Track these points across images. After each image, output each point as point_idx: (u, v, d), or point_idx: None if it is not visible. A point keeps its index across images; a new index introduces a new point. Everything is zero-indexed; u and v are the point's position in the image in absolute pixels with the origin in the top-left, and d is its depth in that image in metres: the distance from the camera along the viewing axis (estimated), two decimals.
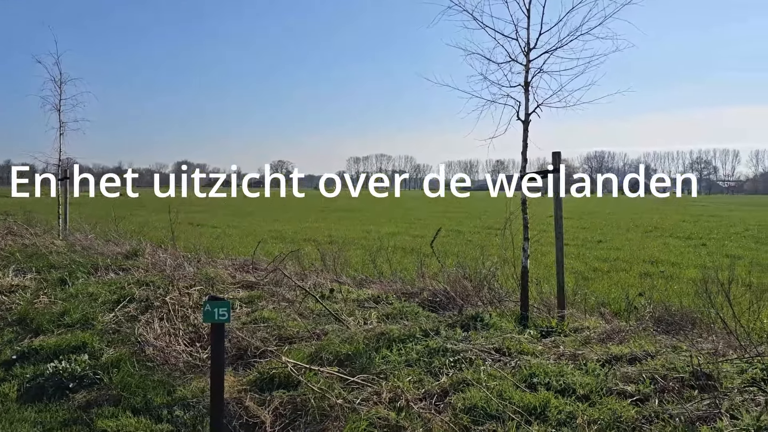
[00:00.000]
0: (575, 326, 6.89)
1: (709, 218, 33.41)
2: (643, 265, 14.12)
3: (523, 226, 7.62)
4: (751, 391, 4.64)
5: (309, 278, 10.09)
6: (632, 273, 12.71)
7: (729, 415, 4.22)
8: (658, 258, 15.23)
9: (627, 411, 4.38)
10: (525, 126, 7.47)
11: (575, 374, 5.05)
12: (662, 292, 8.91)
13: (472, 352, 5.73)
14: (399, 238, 20.53)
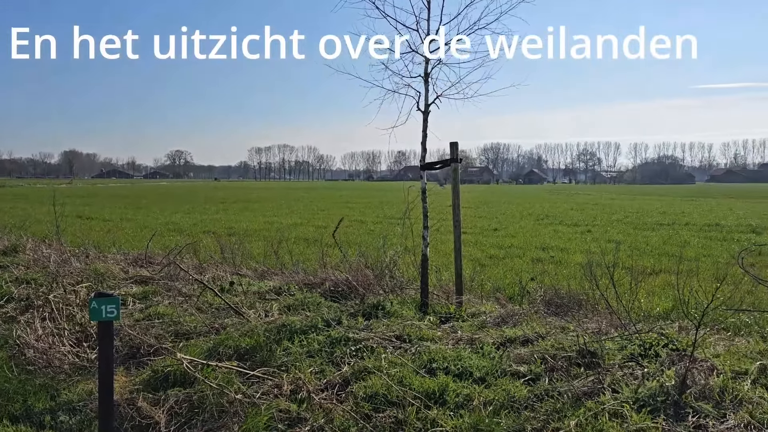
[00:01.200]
0: (473, 311, 7.13)
1: (594, 206, 35.70)
2: (536, 251, 14.83)
3: (423, 215, 7.75)
4: (630, 365, 5.00)
5: (208, 271, 9.77)
6: (526, 259, 13.32)
7: (611, 389, 4.52)
8: (549, 244, 16.06)
9: (520, 391, 4.59)
10: (425, 116, 7.59)
11: (472, 358, 5.22)
12: (552, 276, 9.41)
13: (373, 341, 5.77)
14: (302, 229, 20.35)
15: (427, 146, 7.66)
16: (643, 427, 3.96)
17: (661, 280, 10.23)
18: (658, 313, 7.39)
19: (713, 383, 4.42)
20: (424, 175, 7.75)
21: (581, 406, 4.27)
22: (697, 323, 4.87)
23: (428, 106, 7.53)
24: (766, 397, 4.29)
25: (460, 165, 7.84)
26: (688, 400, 4.24)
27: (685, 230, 19.92)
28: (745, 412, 4.06)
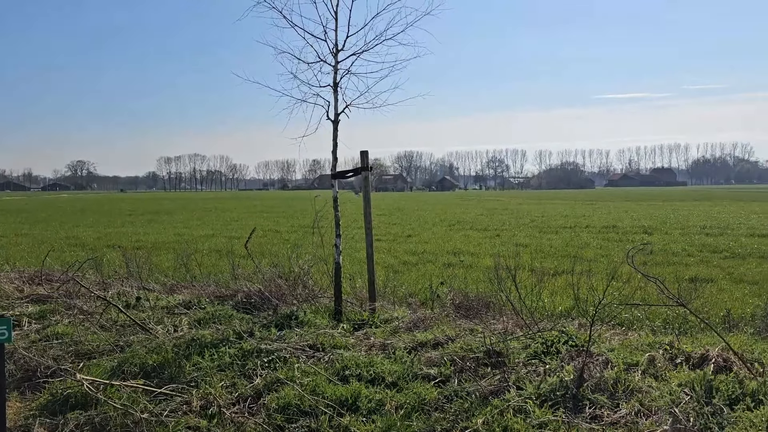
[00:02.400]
0: (386, 317, 7.23)
1: (503, 211, 37.06)
2: (447, 256, 15.22)
3: (334, 223, 7.79)
4: (534, 363, 5.26)
5: (112, 287, 9.34)
6: (438, 264, 13.64)
7: (516, 386, 4.73)
8: (460, 249, 16.52)
9: (430, 393, 4.71)
10: (335, 126, 7.65)
11: (384, 363, 5.30)
12: (462, 280, 9.70)
13: (286, 351, 5.73)
14: (214, 240, 19.83)
15: (338, 155, 7.71)
16: (545, 420, 4.17)
17: (563, 281, 10.77)
18: (560, 312, 7.78)
19: (607, 375, 4.72)
20: (335, 183, 7.80)
21: (488, 404, 4.45)
22: (591, 320, 5.18)
23: (338, 115, 7.60)
24: (654, 386, 4.63)
25: (372, 173, 7.95)
26: (586, 393, 4.51)
27: (585, 232, 21.07)
28: (636, 401, 4.37)
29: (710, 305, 7.75)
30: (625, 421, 4.14)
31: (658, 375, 4.91)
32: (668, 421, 4.00)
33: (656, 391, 4.48)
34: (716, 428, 3.93)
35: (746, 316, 7.05)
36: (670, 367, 5.10)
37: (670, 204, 45.21)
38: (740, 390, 4.42)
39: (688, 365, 5.13)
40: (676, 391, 4.44)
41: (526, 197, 78.52)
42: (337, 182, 7.85)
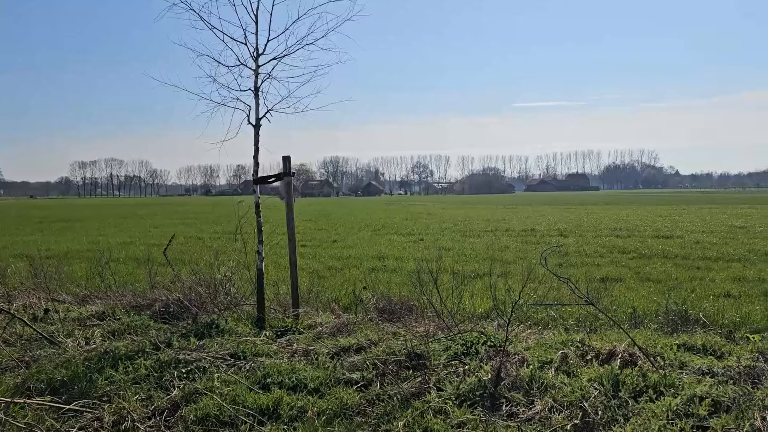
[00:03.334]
0: (309, 323, 7.19)
1: (427, 216, 37.66)
2: (372, 260, 15.29)
3: (257, 229, 7.67)
4: (454, 364, 5.38)
5: (18, 299, 8.81)
6: (363, 269, 13.67)
7: (436, 388, 4.83)
8: (385, 253, 16.64)
9: (352, 397, 4.72)
10: (256, 130, 7.54)
11: (307, 369, 5.27)
12: (386, 284, 9.78)
13: (206, 361, 5.60)
14: (132, 248, 19.04)
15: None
16: (464, 420, 4.28)
17: (483, 283, 11.05)
18: (480, 313, 7.99)
19: (523, 374, 4.90)
20: (257, 189, 7.69)
21: (409, 406, 4.51)
22: (507, 321, 5.36)
23: (259, 120, 7.50)
24: (566, 382, 4.84)
25: (297, 178, 7.89)
26: (503, 391, 4.66)
27: (505, 236, 21.73)
28: (549, 397, 4.56)
29: (619, 303, 8.18)
30: (539, 417, 4.31)
31: (570, 371, 5.14)
32: (579, 415, 4.20)
33: (568, 387, 4.69)
34: (622, 420, 4.16)
35: (651, 313, 7.49)
36: (581, 364, 5.36)
37: (584, 208, 47.37)
38: (644, 383, 4.69)
39: (598, 361, 5.40)
40: (586, 386, 4.67)
41: (450, 202, 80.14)
42: (260, 188, 7.74)
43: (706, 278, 11.10)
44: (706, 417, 4.07)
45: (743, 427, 3.91)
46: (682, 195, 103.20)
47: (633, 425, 4.03)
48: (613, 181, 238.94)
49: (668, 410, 4.16)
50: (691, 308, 7.32)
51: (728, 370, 4.88)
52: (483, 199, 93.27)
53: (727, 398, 4.29)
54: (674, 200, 66.77)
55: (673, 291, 8.95)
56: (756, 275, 11.21)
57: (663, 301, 7.50)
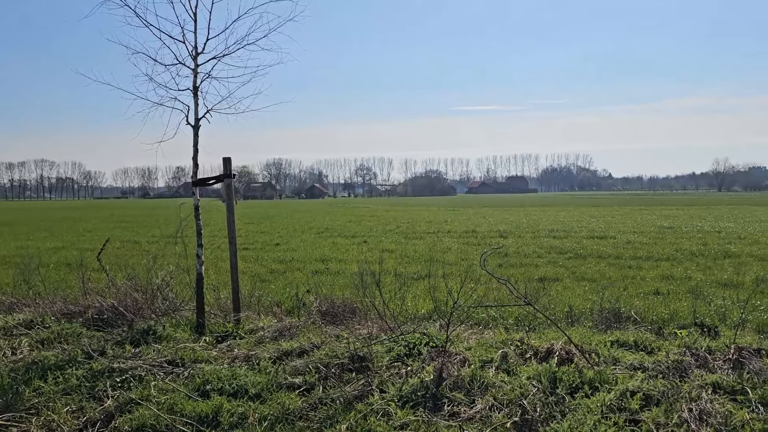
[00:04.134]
0: (251, 327, 7.07)
1: (371, 218, 37.73)
2: (315, 263, 15.19)
3: (196, 232, 7.49)
4: (397, 365, 5.40)
5: None
6: (306, 272, 13.57)
7: (379, 390, 4.83)
8: (328, 256, 16.57)
9: (295, 402, 4.67)
10: (195, 131, 7.36)
11: (248, 375, 5.17)
12: (329, 287, 9.73)
13: (142, 369, 5.41)
14: (63, 253, 18.24)
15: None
16: (407, 421, 4.29)
17: (425, 284, 11.16)
18: (422, 315, 8.06)
19: (464, 373, 4.97)
20: (197, 191, 7.50)
21: (352, 409, 4.49)
22: (447, 322, 5.42)
23: (198, 120, 7.33)
24: (506, 381, 4.93)
25: (238, 180, 7.76)
26: (444, 392, 4.71)
27: (447, 237, 22.02)
28: (490, 396, 4.64)
29: (556, 302, 8.42)
30: (480, 416, 4.37)
31: (510, 370, 5.24)
32: (518, 413, 4.28)
33: (508, 386, 4.78)
34: (559, 416, 4.27)
35: (586, 311, 7.74)
36: (521, 362, 5.47)
37: (523, 209, 48.58)
38: (580, 379, 4.84)
39: (537, 359, 5.53)
40: (525, 384, 4.77)
41: (393, 204, 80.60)
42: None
43: (637, 277, 11.56)
44: (638, 410, 4.23)
45: (672, 419, 4.08)
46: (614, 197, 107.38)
47: (570, 421, 4.14)
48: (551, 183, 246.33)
49: (603, 405, 4.30)
50: (623, 306, 7.60)
51: (658, 365, 5.09)
52: (425, 201, 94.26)
53: (657, 392, 4.48)
54: (607, 202, 69.37)
55: (607, 290, 9.28)
56: (682, 273, 11.77)
57: (597, 299, 7.77)
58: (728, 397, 4.47)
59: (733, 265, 12.77)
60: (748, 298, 7.64)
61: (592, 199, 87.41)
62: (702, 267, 12.74)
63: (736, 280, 10.64)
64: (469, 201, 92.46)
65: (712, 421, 4.02)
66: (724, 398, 4.41)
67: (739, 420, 4.02)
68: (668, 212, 39.01)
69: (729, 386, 4.61)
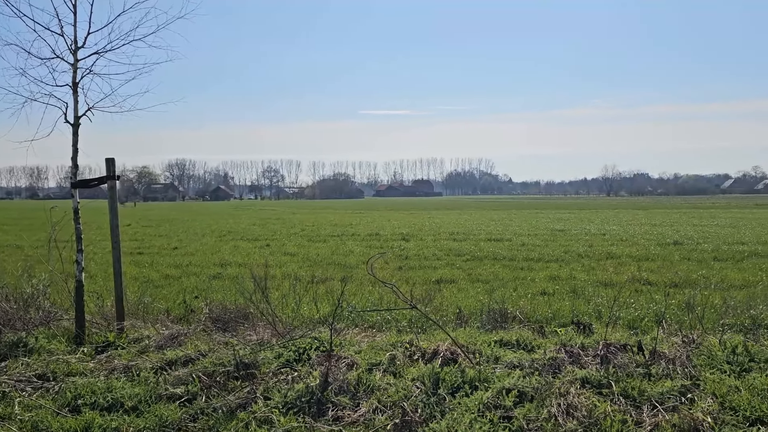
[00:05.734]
0: (135, 336, 6.76)
1: (276, 221, 37.22)
2: (214, 267, 14.77)
3: (76, 237, 7.07)
4: (285, 371, 5.35)
5: None
6: (203, 276, 13.16)
7: (264, 397, 4.76)
8: (228, 260, 16.16)
9: (174, 413, 4.51)
10: (75, 129, 6.97)
11: (125, 387, 4.94)
12: (224, 292, 9.50)
13: (7, 385, 5.03)
14: None
15: (78, 162, 7.04)
16: (289, 428, 4.26)
17: (325, 288, 11.15)
18: (318, 318, 8.03)
19: (351, 377, 5.00)
20: (76, 193, 7.09)
21: (234, 418, 4.40)
22: (330, 325, 5.44)
23: (78, 118, 6.93)
24: (392, 383, 5.01)
25: (137, 181, 7.40)
26: (329, 396, 4.71)
27: (351, 240, 22.11)
28: (375, 399, 4.69)
29: (448, 304, 8.65)
30: (363, 420, 4.41)
31: (397, 372, 5.33)
32: (400, 414, 4.36)
33: (393, 388, 4.86)
34: (438, 416, 4.39)
35: (476, 312, 8.01)
36: (408, 364, 5.58)
37: (427, 213, 49.68)
38: (462, 379, 5.00)
39: (424, 360, 5.66)
40: (409, 386, 4.87)
41: (300, 207, 79.96)
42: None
43: (527, 278, 12.12)
44: (512, 407, 4.43)
45: (542, 413, 4.30)
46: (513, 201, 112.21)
47: (448, 420, 4.27)
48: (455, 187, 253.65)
49: (480, 403, 4.47)
50: (510, 306, 7.93)
51: (534, 363, 5.35)
52: (333, 204, 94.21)
53: (531, 388, 4.71)
54: (507, 206, 72.38)
55: (498, 291, 9.67)
56: (568, 274, 12.46)
57: (487, 300, 8.06)
58: (594, 390, 4.77)
59: (614, 266, 13.68)
60: (616, 297, 8.21)
61: (492, 203, 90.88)
62: (586, 267, 13.54)
63: (615, 280, 11.39)
64: (376, 204, 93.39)
65: (578, 414, 4.27)
66: (591, 392, 4.71)
67: (602, 412, 4.30)
68: (561, 215, 41.24)
69: (596, 380, 4.92)
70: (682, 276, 11.67)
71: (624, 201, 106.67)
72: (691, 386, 4.85)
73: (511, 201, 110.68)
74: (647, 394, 4.64)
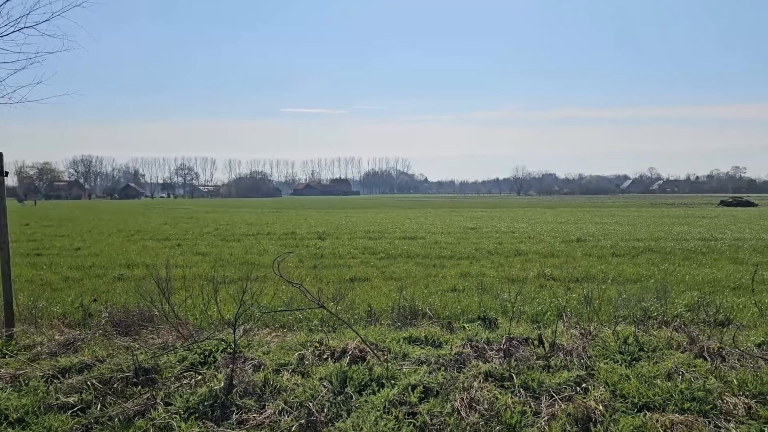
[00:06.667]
0: (26, 343, 6.34)
1: (189, 220, 36.01)
2: (120, 269, 14.10)
3: None
4: (189, 375, 5.17)
5: None
6: (107, 278, 12.54)
7: (164, 402, 4.58)
8: (135, 261, 15.48)
9: (66, 424, 4.26)
10: None
11: (11, 398, 4.62)
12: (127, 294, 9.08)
13: None
14: None
15: None
16: None
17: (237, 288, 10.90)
18: (228, 319, 7.83)
19: (257, 379, 4.91)
20: None
21: (131, 426, 4.21)
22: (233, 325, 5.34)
23: None
24: (299, 383, 4.96)
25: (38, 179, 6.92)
26: (234, 399, 4.60)
27: (266, 239, 21.74)
28: (281, 400, 4.63)
29: (360, 301, 8.68)
30: (269, 422, 4.34)
31: (305, 372, 5.29)
32: (306, 415, 4.33)
33: (300, 388, 4.81)
34: (345, 415, 4.39)
35: (387, 310, 8.08)
36: (317, 363, 5.54)
37: (344, 211, 49.67)
38: (369, 376, 5.03)
39: (333, 359, 5.64)
40: (316, 386, 4.84)
41: (215, 205, 77.84)
42: None
43: (439, 275, 12.36)
44: (417, 403, 4.50)
45: (446, 408, 4.40)
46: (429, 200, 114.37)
47: (353, 419, 4.28)
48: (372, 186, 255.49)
49: (386, 400, 4.51)
50: (421, 303, 8.06)
51: (441, 358, 5.47)
52: (249, 203, 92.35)
53: (437, 384, 4.80)
54: (422, 204, 73.60)
55: (409, 288, 9.79)
56: (478, 271, 12.82)
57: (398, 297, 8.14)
58: (497, 384, 4.93)
59: (521, 262, 14.21)
60: (519, 292, 8.54)
61: (408, 202, 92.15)
62: (496, 264, 13.98)
63: (522, 276, 11.84)
64: (293, 203, 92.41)
65: (480, 407, 4.40)
66: (493, 385, 4.86)
67: (503, 404, 4.45)
68: (474, 214, 42.40)
69: (499, 374, 5.09)
70: (582, 271, 12.29)
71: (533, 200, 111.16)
72: (586, 376, 5.12)
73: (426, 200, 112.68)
74: (546, 385, 4.85)
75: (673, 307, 8.03)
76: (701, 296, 8.78)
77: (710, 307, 7.47)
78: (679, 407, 4.50)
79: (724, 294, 9.59)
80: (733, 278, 11.36)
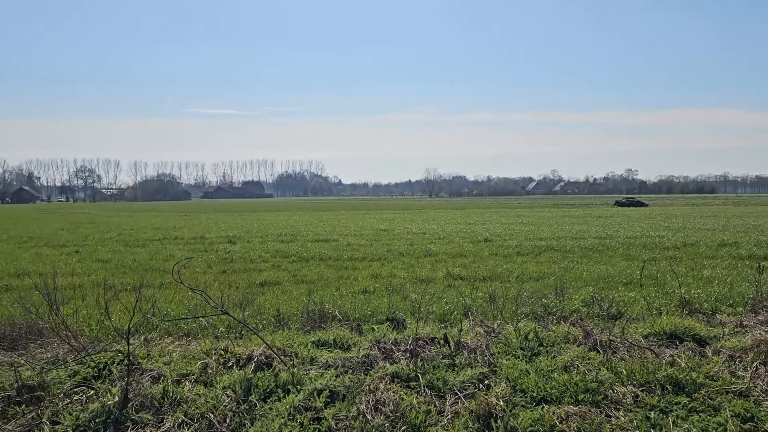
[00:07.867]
0: None
1: (89, 225, 34.07)
2: (9, 278, 13.11)
3: None
4: (81, 390, 4.86)
5: None
6: None
7: (51, 422, 4.28)
8: (27, 269, 14.44)
9: None
10: None
11: None
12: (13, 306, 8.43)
13: None
14: None
15: None
16: None
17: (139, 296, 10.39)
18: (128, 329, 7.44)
19: (155, 391, 4.69)
20: None
21: None
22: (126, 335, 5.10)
23: None
24: (202, 393, 4.78)
25: None
26: (130, 414, 4.37)
27: (173, 244, 20.92)
28: (181, 412, 4.44)
29: (269, 305, 8.52)
30: None
31: (208, 381, 5.11)
32: (206, 427, 4.17)
33: (202, 398, 4.64)
34: (249, 424, 4.27)
35: (296, 314, 7.97)
36: (222, 371, 5.37)
37: (257, 214, 48.73)
38: (275, 383, 4.92)
39: (238, 366, 5.49)
40: (219, 395, 4.69)
41: (119, 209, 74.22)
42: None
43: (351, 277, 12.36)
44: (323, 408, 4.45)
45: (351, 412, 4.38)
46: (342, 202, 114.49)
47: (257, 428, 4.17)
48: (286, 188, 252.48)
49: (291, 407, 4.43)
50: (331, 306, 8.01)
51: (348, 361, 5.44)
52: (157, 206, 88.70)
53: (343, 387, 4.77)
54: (336, 207, 73.54)
55: (320, 291, 9.73)
56: (389, 272, 12.93)
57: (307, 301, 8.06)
58: (403, 384, 4.97)
59: (431, 263, 14.47)
60: (425, 292, 8.71)
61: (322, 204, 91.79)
62: (407, 265, 14.15)
63: (431, 276, 12.05)
64: (203, 206, 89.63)
65: (385, 409, 4.41)
66: (399, 386, 4.90)
67: (408, 405, 4.49)
68: (386, 216, 42.81)
69: (405, 375, 5.14)
70: (489, 270, 12.68)
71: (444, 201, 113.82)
72: (488, 373, 5.26)
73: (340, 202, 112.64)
74: (450, 384, 4.94)
75: (571, 303, 8.43)
76: (596, 292, 9.30)
77: (604, 301, 7.90)
78: (574, 399, 4.71)
79: (617, 289, 10.18)
80: (625, 274, 12.09)
